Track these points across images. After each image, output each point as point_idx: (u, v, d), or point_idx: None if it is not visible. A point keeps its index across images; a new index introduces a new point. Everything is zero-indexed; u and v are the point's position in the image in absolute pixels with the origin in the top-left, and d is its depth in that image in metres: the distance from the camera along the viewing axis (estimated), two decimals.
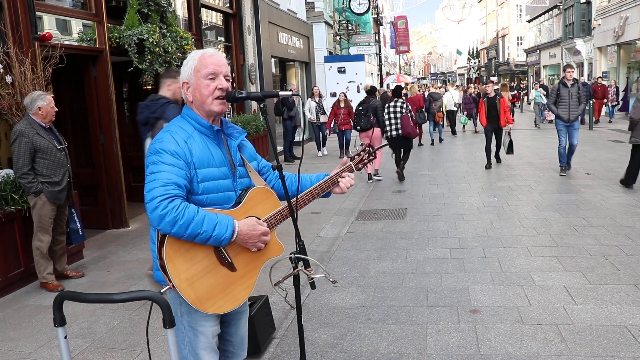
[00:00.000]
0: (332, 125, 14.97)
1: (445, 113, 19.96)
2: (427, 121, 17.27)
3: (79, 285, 5.62)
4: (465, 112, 21.34)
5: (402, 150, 11.03)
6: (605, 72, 26.40)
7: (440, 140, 18.31)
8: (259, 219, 2.40)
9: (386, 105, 10.89)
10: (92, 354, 4.09)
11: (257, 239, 2.31)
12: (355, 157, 2.71)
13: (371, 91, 11.55)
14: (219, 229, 2.19)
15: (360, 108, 11.16)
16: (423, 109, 16.28)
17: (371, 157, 2.73)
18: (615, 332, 3.99)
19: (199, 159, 2.30)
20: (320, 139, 15.83)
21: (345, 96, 14.90)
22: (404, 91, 14.08)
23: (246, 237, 2.27)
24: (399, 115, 10.62)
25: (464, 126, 21.62)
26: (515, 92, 32.44)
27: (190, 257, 2.21)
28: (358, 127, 11.16)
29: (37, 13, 6.32)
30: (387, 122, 10.74)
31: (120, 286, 5.53)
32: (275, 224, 2.44)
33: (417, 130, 11.48)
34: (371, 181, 10.99)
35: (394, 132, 10.68)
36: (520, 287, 4.97)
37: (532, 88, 24.14)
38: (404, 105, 10.74)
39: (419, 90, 21.09)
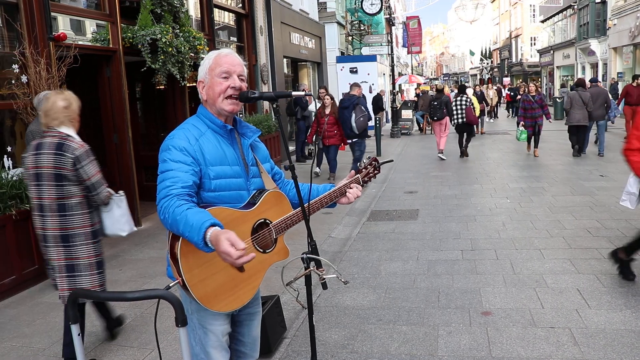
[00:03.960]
0: (314, 139, 11.30)
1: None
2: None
3: None
4: (523, 123, 13.52)
5: (465, 133, 14.04)
6: (620, 73, 26.16)
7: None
8: (271, 222, 2.42)
9: (454, 100, 14.09)
10: (104, 351, 4.12)
11: (221, 256, 2.01)
12: (363, 170, 2.81)
13: (441, 89, 15.23)
14: (190, 233, 2.05)
15: (435, 103, 14.26)
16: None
17: (376, 172, 2.86)
18: (630, 336, 3.95)
19: (211, 157, 2.33)
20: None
21: (332, 98, 11.25)
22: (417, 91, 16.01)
23: (216, 250, 2.04)
24: (464, 107, 13.77)
25: (529, 144, 14.01)
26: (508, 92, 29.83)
27: (203, 254, 2.22)
28: (435, 118, 14.26)
29: (52, 14, 6.39)
30: (454, 113, 13.84)
31: (133, 285, 5.56)
32: (285, 228, 2.46)
33: (478, 119, 14.66)
34: (440, 155, 14.03)
35: (459, 120, 13.83)
36: (532, 289, 4.94)
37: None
38: (468, 100, 13.97)
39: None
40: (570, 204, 8.12)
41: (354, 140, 10.47)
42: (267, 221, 2.42)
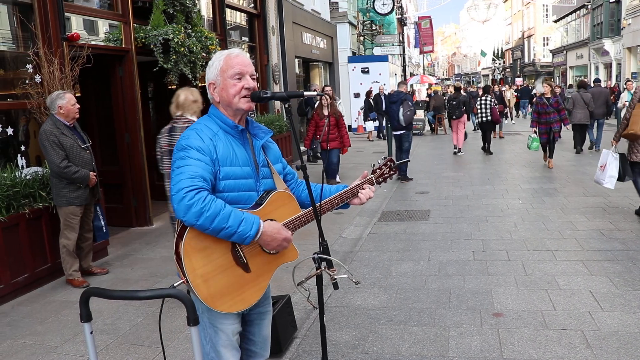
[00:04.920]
0: (312, 143, 10.34)
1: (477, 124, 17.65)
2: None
3: (104, 282, 5.70)
4: (536, 129, 11.82)
5: (487, 131, 14.81)
6: (634, 73, 25.91)
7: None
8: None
9: (479, 99, 15.01)
10: (115, 349, 4.15)
11: (278, 242, 2.32)
12: (377, 170, 2.75)
13: (458, 89, 16.26)
14: (245, 226, 2.20)
15: (454, 102, 15.06)
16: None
17: (392, 172, 2.79)
18: None
19: (222, 157, 2.33)
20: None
21: (332, 98, 10.59)
22: (428, 91, 16.30)
23: (269, 239, 2.29)
24: (489, 106, 14.58)
25: (545, 154, 12.07)
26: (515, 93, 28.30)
27: (207, 254, 2.23)
28: (454, 117, 15.06)
29: (66, 14, 6.43)
30: (479, 111, 14.72)
31: (144, 283, 5.60)
32: (293, 228, 2.45)
33: (500, 118, 15.58)
34: (456, 151, 14.92)
35: (484, 118, 14.60)
36: (544, 291, 4.91)
37: (624, 89, 16.14)
38: (492, 99, 14.83)
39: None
40: (582, 205, 8.06)
41: (400, 132, 11.25)
42: (281, 224, 2.41)
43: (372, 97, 19.48)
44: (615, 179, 7.36)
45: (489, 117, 14.58)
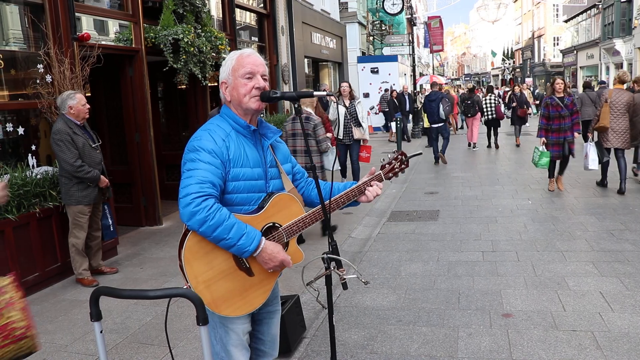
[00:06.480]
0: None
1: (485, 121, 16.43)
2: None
3: (113, 281, 5.73)
4: (544, 140, 8.91)
5: (492, 127, 16.30)
6: None
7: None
8: (281, 225, 2.40)
9: (484, 98, 16.30)
10: (125, 348, 4.16)
11: (276, 263, 2.32)
12: (387, 165, 2.63)
13: (473, 89, 17.50)
14: (244, 240, 2.21)
15: (469, 102, 16.32)
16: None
17: (403, 166, 2.64)
18: None
19: (233, 157, 2.33)
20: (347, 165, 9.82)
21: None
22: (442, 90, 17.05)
23: (267, 258, 2.30)
24: (493, 105, 15.99)
25: (551, 176, 9.34)
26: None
27: (208, 261, 2.24)
28: (469, 115, 16.38)
29: (76, 14, 6.47)
30: (485, 109, 16.01)
31: (153, 283, 5.62)
32: (296, 231, 2.43)
33: (504, 115, 16.87)
34: (469, 147, 16.33)
35: (490, 116, 16.01)
36: (554, 291, 4.88)
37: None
38: (496, 99, 16.25)
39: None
40: (592, 206, 8.01)
41: (438, 125, 13.39)
42: (276, 225, 2.40)
43: (396, 97, 19.44)
44: (597, 161, 8.90)
45: (494, 115, 16.01)
